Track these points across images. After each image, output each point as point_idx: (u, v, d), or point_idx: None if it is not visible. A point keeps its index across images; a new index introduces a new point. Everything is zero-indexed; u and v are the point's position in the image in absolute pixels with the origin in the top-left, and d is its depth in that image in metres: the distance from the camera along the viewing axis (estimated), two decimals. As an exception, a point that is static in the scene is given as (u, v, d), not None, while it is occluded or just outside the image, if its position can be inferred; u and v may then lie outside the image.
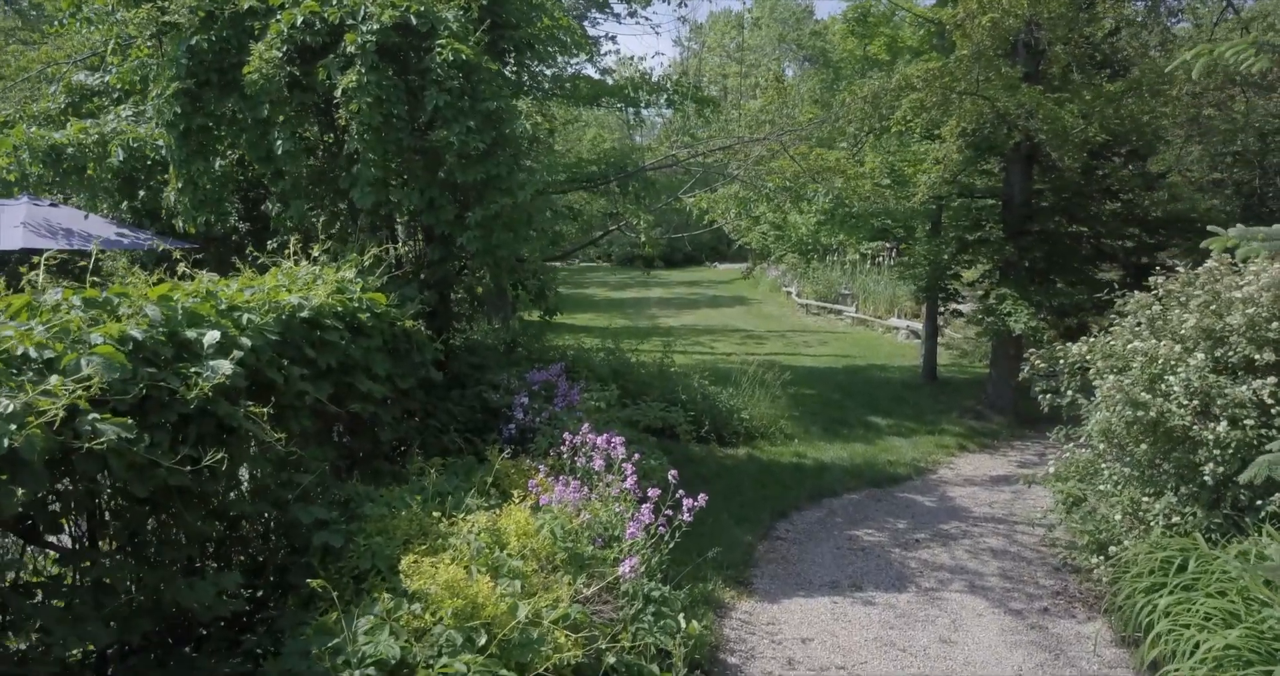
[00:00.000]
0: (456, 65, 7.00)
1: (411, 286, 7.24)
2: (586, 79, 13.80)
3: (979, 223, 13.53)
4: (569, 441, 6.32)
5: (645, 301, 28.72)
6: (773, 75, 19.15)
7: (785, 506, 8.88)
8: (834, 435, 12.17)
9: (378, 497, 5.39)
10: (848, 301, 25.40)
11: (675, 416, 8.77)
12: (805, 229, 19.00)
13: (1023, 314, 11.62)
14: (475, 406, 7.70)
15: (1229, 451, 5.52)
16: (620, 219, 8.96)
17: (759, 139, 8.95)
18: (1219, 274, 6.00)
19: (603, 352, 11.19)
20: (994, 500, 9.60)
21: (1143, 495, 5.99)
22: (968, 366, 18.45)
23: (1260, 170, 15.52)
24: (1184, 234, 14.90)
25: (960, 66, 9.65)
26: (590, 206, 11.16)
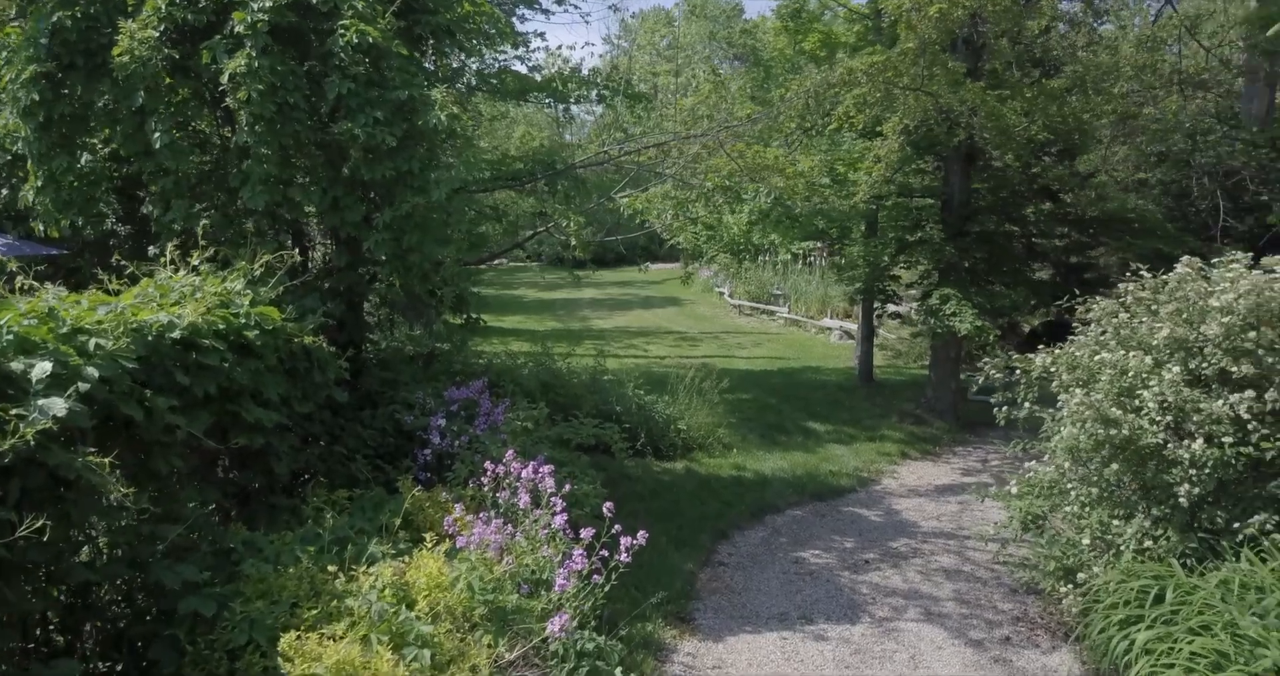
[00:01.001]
0: (362, 49, 6.27)
1: (313, 297, 6.47)
2: (513, 74, 13.11)
3: (919, 223, 13.22)
4: (491, 471, 5.65)
5: (577, 303, 28.03)
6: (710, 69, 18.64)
7: (727, 526, 8.33)
8: (773, 443, 11.70)
9: (266, 544, 4.65)
10: (780, 302, 25.11)
11: (610, 433, 8.16)
12: (737, 229, 18.57)
13: (967, 315, 11.31)
14: (387, 429, 6.96)
15: (1205, 471, 5.14)
16: (549, 220, 8.31)
17: (696, 135, 8.40)
18: (1190, 280, 5.63)
19: (531, 364, 10.50)
20: (941, 512, 9.22)
21: (1112, 517, 5.60)
22: (903, 368, 18.26)
23: (1190, 169, 15.57)
24: (1114, 233, 14.88)
25: (904, 60, 9.24)
26: (517, 206, 10.48)
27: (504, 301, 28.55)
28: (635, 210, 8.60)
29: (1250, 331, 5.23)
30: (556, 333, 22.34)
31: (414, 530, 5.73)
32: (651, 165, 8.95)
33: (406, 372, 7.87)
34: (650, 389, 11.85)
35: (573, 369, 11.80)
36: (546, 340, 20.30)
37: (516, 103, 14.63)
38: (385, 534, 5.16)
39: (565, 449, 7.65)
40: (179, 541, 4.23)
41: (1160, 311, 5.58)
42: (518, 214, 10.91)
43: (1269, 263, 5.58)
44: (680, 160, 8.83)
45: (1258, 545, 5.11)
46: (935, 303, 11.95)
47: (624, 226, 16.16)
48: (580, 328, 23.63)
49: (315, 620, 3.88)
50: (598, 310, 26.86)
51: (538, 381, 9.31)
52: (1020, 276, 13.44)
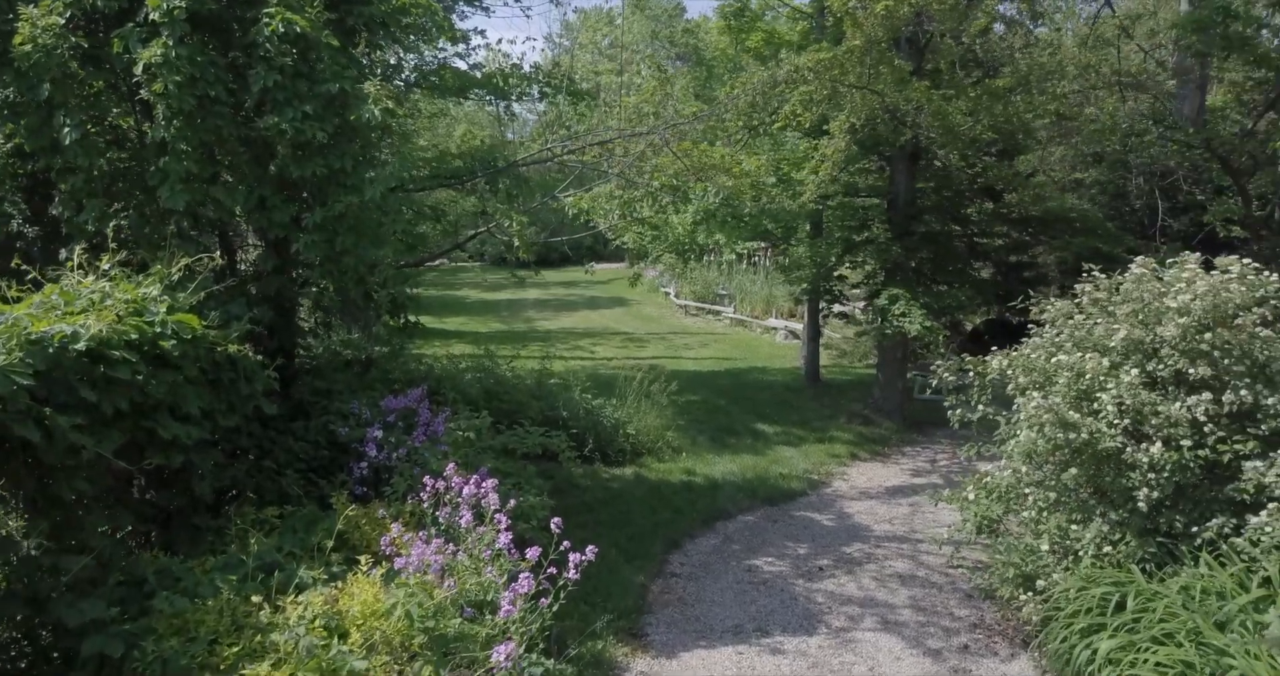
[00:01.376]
0: (289, 39, 5.90)
1: (239, 302, 6.07)
2: (453, 70, 12.72)
3: (865, 223, 13.18)
4: (431, 486, 5.34)
5: (521, 304, 27.60)
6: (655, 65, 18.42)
7: (678, 534, 8.12)
8: (722, 446, 11.54)
9: (184, 572, 4.29)
10: (725, 302, 25.04)
11: (557, 441, 7.88)
12: (682, 229, 18.41)
13: (916, 315, 11.27)
14: (321, 441, 6.58)
15: (1164, 475, 5.06)
16: (490, 220, 8.01)
17: (641, 132, 8.16)
18: (1146, 281, 5.56)
19: (473, 371, 10.15)
20: (893, 515, 9.13)
21: (1070, 522, 5.51)
22: (848, 367, 18.30)
23: (1126, 169, 15.83)
24: (1054, 232, 15.06)
25: (851, 58, 9.13)
26: (458, 206, 10.12)
27: (446, 303, 27.99)
28: (580, 210, 8.31)
29: (1205, 332, 5.18)
30: (500, 334, 21.92)
31: (349, 549, 5.39)
32: (596, 164, 8.69)
33: (342, 381, 7.49)
34: (598, 392, 11.60)
35: (518, 373, 11.49)
36: (490, 342, 19.89)
37: (457, 101, 14.23)
38: (317, 556, 4.83)
39: (510, 459, 7.36)
40: (85, 574, 3.86)
41: (1117, 313, 5.50)
42: (458, 214, 10.54)
43: (1222, 262, 5.54)
44: (625, 159, 8.59)
45: (1216, 548, 5.06)
46: (884, 303, 11.91)
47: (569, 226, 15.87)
48: (525, 329, 23.25)
49: (236, 658, 3.56)
50: (543, 311, 26.49)
51: (480, 388, 8.97)
52: (965, 276, 13.51)
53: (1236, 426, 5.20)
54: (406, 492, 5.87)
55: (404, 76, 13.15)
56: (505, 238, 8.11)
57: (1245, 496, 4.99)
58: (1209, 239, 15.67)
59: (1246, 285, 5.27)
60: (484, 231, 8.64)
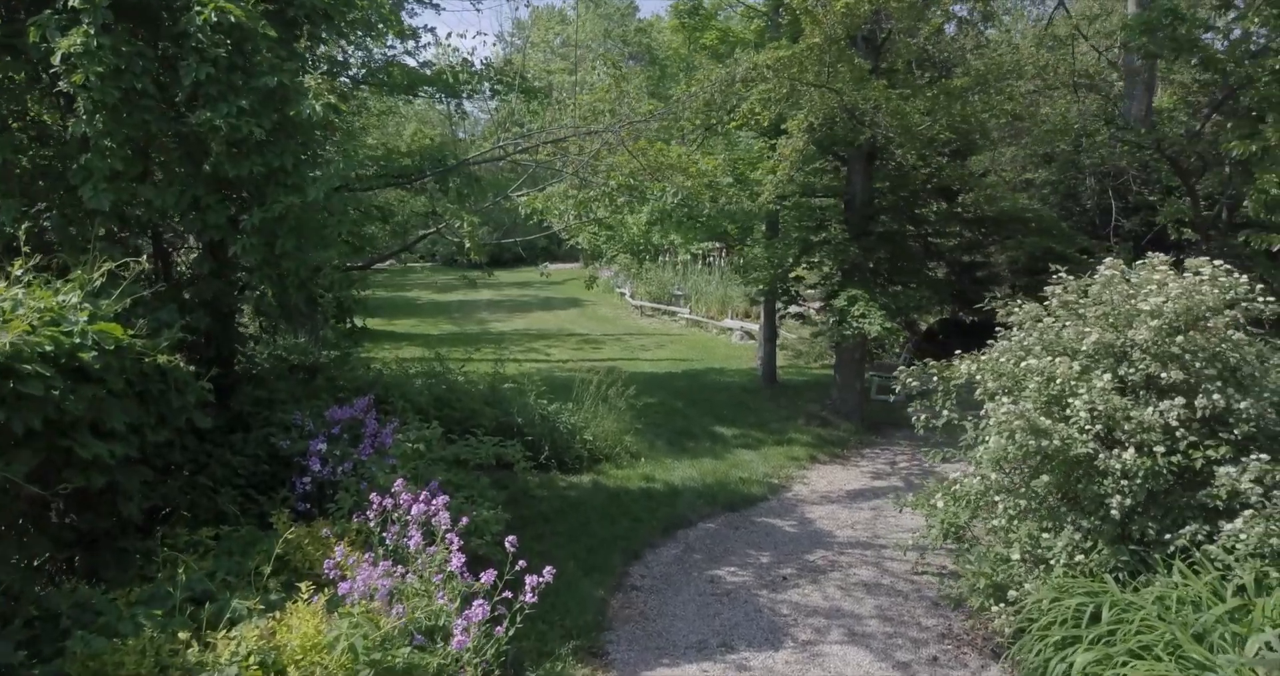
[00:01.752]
0: (223, 29, 5.54)
1: (170, 309, 5.70)
2: (401, 66, 12.34)
3: (823, 223, 13.07)
4: (378, 503, 5.04)
5: (473, 305, 27.13)
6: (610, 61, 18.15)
7: (638, 544, 7.89)
8: (681, 450, 11.33)
9: (105, 605, 3.94)
10: (681, 302, 24.89)
11: (512, 451, 7.59)
12: (636, 229, 18.22)
13: (876, 316, 11.17)
14: (261, 455, 6.24)
15: (1136, 481, 4.95)
16: (440, 220, 7.69)
17: (597, 130, 7.90)
18: (1116, 283, 5.46)
19: (424, 377, 9.81)
20: (855, 520, 9.00)
21: (1041, 530, 5.38)
22: (804, 368, 18.23)
23: (1076, 170, 15.97)
24: (1009, 232, 15.12)
25: (810, 55, 8.97)
26: (408, 206, 9.76)
27: (396, 304, 27.44)
28: (534, 210, 8.03)
29: (1177, 335, 5.09)
30: (452, 337, 21.50)
31: (291, 572, 5.08)
32: (549, 163, 8.42)
33: (285, 390, 7.12)
34: (553, 395, 11.33)
35: (470, 378, 11.18)
36: (442, 345, 19.48)
37: (406, 99, 13.85)
38: (254, 582, 4.50)
39: (463, 470, 7.06)
40: (-9, 611, 3.50)
41: (1087, 315, 5.39)
42: (408, 214, 10.18)
43: (1193, 264, 5.46)
44: (581, 157, 8.32)
45: (1189, 556, 4.96)
46: (843, 304, 11.80)
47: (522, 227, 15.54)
48: (478, 331, 22.84)
49: (161, 703, 3.25)
50: (495, 312, 26.08)
51: (431, 396, 8.63)
52: (922, 276, 13.47)
53: (1207, 431, 5.12)
54: (352, 510, 5.55)
55: (351, 73, 12.76)
56: (456, 238, 7.79)
57: (1218, 502, 4.90)
58: (1157, 239, 15.88)
59: (1219, 287, 5.19)
60: (434, 232, 8.31)
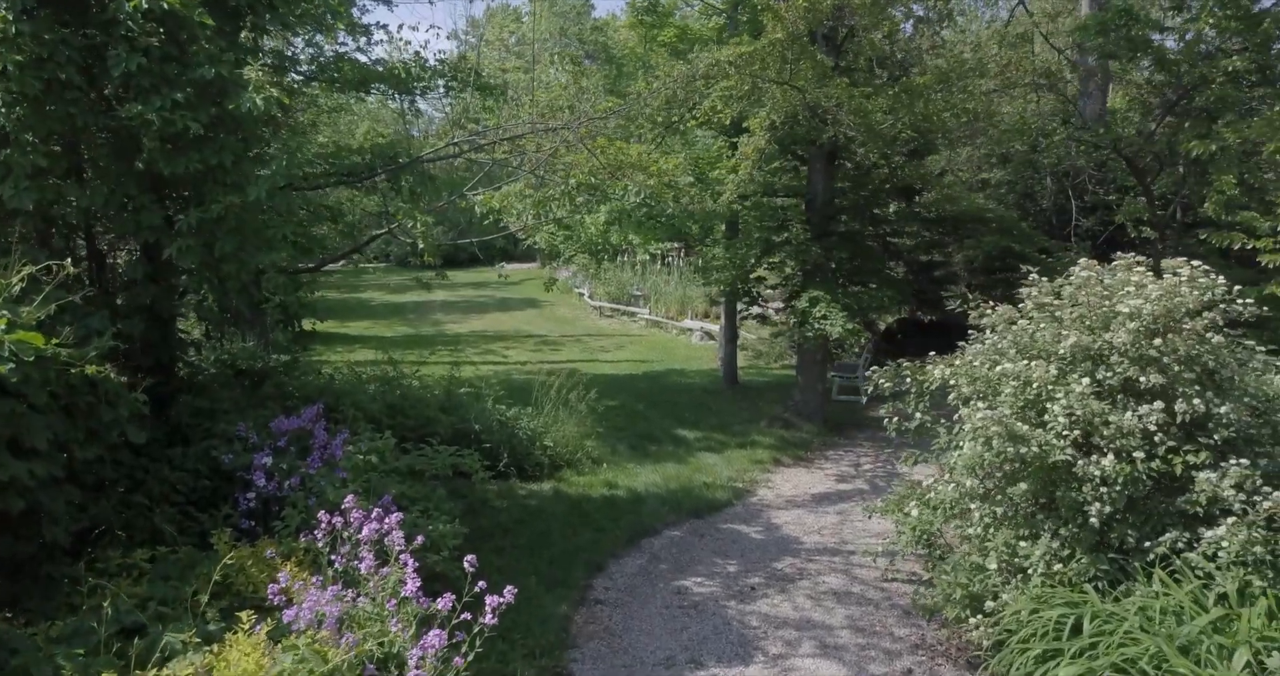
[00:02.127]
0: (155, 17, 5.21)
1: (101, 316, 5.34)
2: (352, 62, 11.96)
3: (784, 223, 12.92)
4: (326, 522, 4.73)
5: (428, 306, 26.64)
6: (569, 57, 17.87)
7: (601, 556, 7.63)
8: (643, 454, 11.11)
9: (21, 640, 3.60)
10: (640, 303, 24.67)
11: (469, 460, 7.28)
12: (595, 229, 17.97)
13: (838, 317, 11.04)
14: (201, 470, 5.88)
15: (1116, 488, 4.83)
16: (393, 221, 7.36)
17: (554, 127, 7.64)
18: (1092, 284, 5.33)
19: (377, 383, 9.46)
20: (822, 525, 8.84)
21: (1018, 539, 5.24)
22: (765, 368, 18.11)
23: (1033, 169, 16.05)
24: (969, 232, 15.15)
25: (772, 52, 8.79)
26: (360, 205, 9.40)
27: (350, 306, 26.89)
28: (490, 209, 7.74)
29: (1155, 338, 4.97)
30: (407, 339, 21.08)
31: (233, 596, 4.76)
32: (506, 161, 8.13)
33: (228, 399, 6.75)
34: (511, 399, 11.05)
35: (425, 382, 10.86)
36: (396, 347, 19.08)
37: (358, 96, 13.45)
38: (192, 609, 4.18)
39: (418, 481, 6.74)
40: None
41: (1064, 318, 5.27)
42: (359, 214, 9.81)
43: (1170, 265, 5.36)
44: (538, 155, 8.05)
45: (1168, 564, 4.85)
46: (804, 305, 11.65)
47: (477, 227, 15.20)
48: (433, 333, 22.43)
49: (81, 756, 2.93)
50: (451, 314, 25.63)
51: (384, 403, 8.28)
52: (883, 276, 13.40)
53: (1184, 436, 5.01)
54: (300, 528, 5.24)
55: (300, 69, 12.35)
56: (409, 239, 7.48)
57: (1198, 509, 4.79)
58: (1112, 238, 16.04)
59: (1198, 288, 5.09)
60: (386, 233, 7.97)
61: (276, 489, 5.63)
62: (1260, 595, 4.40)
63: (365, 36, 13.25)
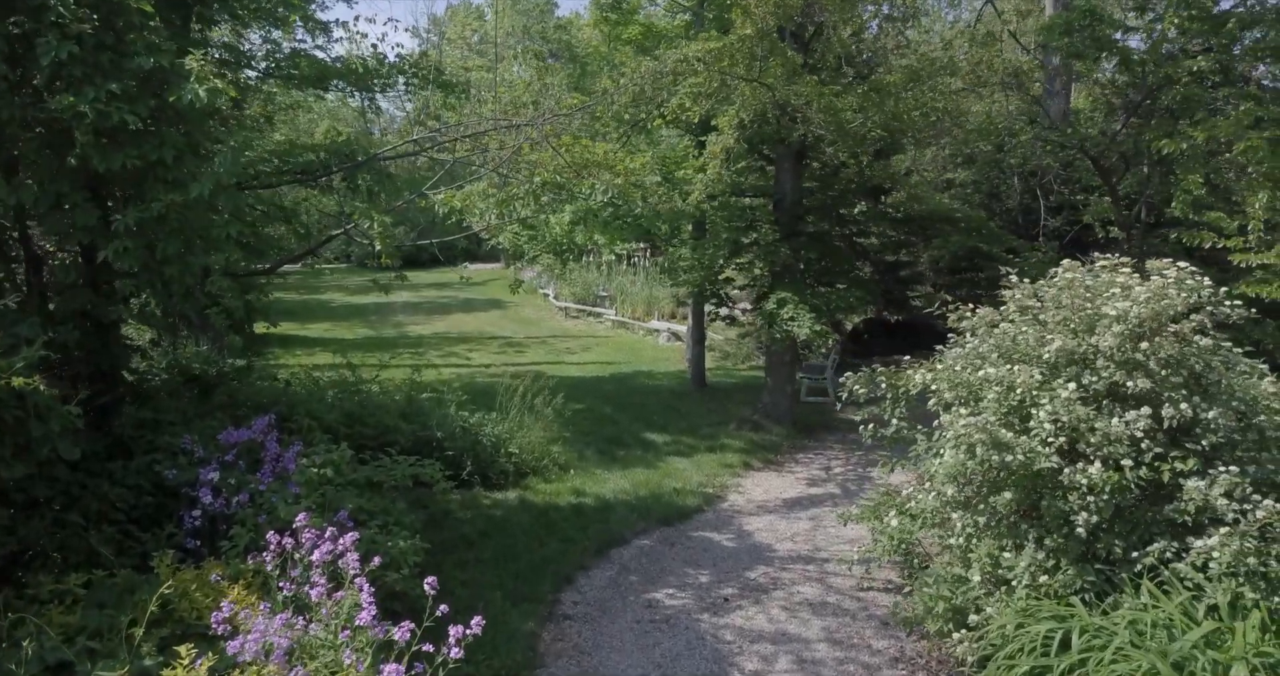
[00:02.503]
0: (89, 3, 4.86)
1: (31, 323, 4.98)
2: (308, 57, 11.58)
3: (753, 223, 12.74)
4: (276, 544, 4.43)
5: (390, 307, 26.13)
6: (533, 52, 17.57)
7: (569, 567, 7.37)
8: (612, 460, 10.86)
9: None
10: (607, 303, 24.41)
11: (430, 470, 6.97)
12: (560, 229, 17.70)
13: (805, 318, 10.87)
14: (144, 486, 5.53)
15: (1103, 497, 4.67)
16: (349, 221, 7.03)
17: (519, 124, 7.36)
18: (1076, 286, 5.18)
19: (336, 389, 9.12)
20: (794, 531, 8.65)
21: (1001, 549, 5.07)
22: (732, 369, 17.94)
23: (999, 169, 16.05)
24: (937, 231, 15.09)
25: (741, 47, 8.59)
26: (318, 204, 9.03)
27: (309, 308, 26.32)
28: (452, 209, 7.44)
29: (1142, 341, 4.83)
30: (368, 341, 20.63)
31: (175, 623, 4.44)
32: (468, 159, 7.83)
33: (174, 409, 6.40)
34: (475, 405, 10.76)
35: (386, 387, 10.54)
36: (357, 350, 18.61)
37: (316, 94, 13.06)
38: (128, 639, 3.86)
39: (377, 493, 6.43)
40: None
41: (1048, 320, 5.11)
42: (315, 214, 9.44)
43: (1156, 266, 5.23)
44: (502, 152, 7.76)
45: (1156, 575, 4.71)
46: (773, 306, 11.48)
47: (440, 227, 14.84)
48: (394, 335, 21.98)
49: None
50: (413, 315, 25.18)
51: (341, 412, 7.93)
52: (853, 276, 13.29)
53: (1170, 441, 4.88)
54: (249, 548, 4.92)
55: (258, 65, 11.96)
56: (365, 240, 7.17)
57: (1186, 518, 4.65)
58: (1077, 238, 16.09)
59: (1186, 290, 4.96)
60: (342, 234, 7.64)
61: (224, 506, 5.30)
62: (1253, 607, 4.27)
63: (325, 34, 12.90)
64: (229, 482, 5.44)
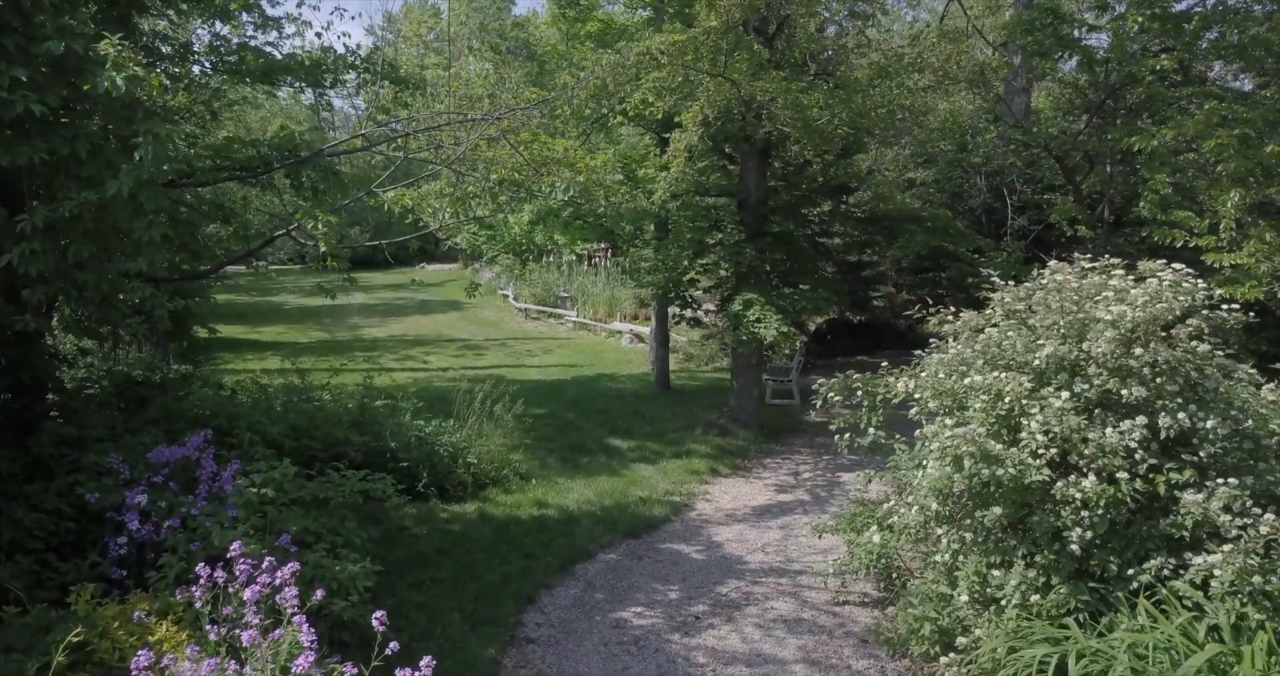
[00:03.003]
0: (-7, -19, 4.40)
1: (-69, 333, 4.50)
2: (255, 51, 11.06)
3: (717, 223, 12.44)
4: (206, 577, 4.01)
5: (345, 309, 25.46)
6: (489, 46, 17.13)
7: (532, 586, 6.99)
8: (575, 467, 10.51)
9: None
10: (568, 304, 24.01)
11: (382, 486, 6.53)
12: (519, 229, 17.30)
13: (772, 321, 10.60)
14: (65, 510, 5.07)
15: (1098, 512, 4.42)
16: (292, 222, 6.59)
17: (476, 117, 6.96)
18: (1065, 289, 4.93)
19: (284, 397, 8.64)
20: (765, 542, 8.36)
21: (989, 566, 4.80)
22: (696, 371, 17.66)
23: (960, 168, 15.95)
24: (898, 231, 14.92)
25: (707, 40, 8.27)
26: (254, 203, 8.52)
27: (261, 310, 25.59)
28: (404, 207, 7.01)
29: (1135, 347, 4.59)
30: (322, 345, 20.05)
31: (94, 668, 4.01)
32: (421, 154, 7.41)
33: (101, 424, 5.91)
34: (432, 409, 10.35)
35: (338, 394, 10.08)
36: (310, 354, 18.05)
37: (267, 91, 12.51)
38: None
39: (324, 511, 6.01)
40: None
41: (1037, 325, 4.86)
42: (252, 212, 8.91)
43: (1148, 267, 5.01)
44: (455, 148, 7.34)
45: (1153, 592, 4.47)
46: (738, 308, 11.19)
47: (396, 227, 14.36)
48: (349, 338, 21.40)
49: None
50: (369, 317, 24.57)
51: (287, 425, 7.43)
52: (819, 277, 13.05)
53: (1163, 452, 4.64)
54: (180, 579, 4.49)
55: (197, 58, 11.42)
56: (308, 242, 6.73)
57: (1183, 533, 4.42)
58: (1039, 237, 16.04)
59: (1182, 293, 4.74)
60: (284, 234, 7.19)
61: (152, 532, 4.86)
62: (1258, 628, 4.04)
63: (275, 29, 12.38)
64: (159, 506, 4.99)
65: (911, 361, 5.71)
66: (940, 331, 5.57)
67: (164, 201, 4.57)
